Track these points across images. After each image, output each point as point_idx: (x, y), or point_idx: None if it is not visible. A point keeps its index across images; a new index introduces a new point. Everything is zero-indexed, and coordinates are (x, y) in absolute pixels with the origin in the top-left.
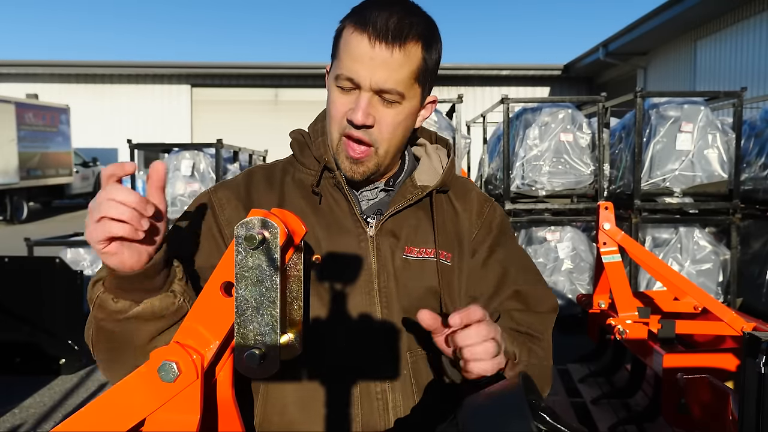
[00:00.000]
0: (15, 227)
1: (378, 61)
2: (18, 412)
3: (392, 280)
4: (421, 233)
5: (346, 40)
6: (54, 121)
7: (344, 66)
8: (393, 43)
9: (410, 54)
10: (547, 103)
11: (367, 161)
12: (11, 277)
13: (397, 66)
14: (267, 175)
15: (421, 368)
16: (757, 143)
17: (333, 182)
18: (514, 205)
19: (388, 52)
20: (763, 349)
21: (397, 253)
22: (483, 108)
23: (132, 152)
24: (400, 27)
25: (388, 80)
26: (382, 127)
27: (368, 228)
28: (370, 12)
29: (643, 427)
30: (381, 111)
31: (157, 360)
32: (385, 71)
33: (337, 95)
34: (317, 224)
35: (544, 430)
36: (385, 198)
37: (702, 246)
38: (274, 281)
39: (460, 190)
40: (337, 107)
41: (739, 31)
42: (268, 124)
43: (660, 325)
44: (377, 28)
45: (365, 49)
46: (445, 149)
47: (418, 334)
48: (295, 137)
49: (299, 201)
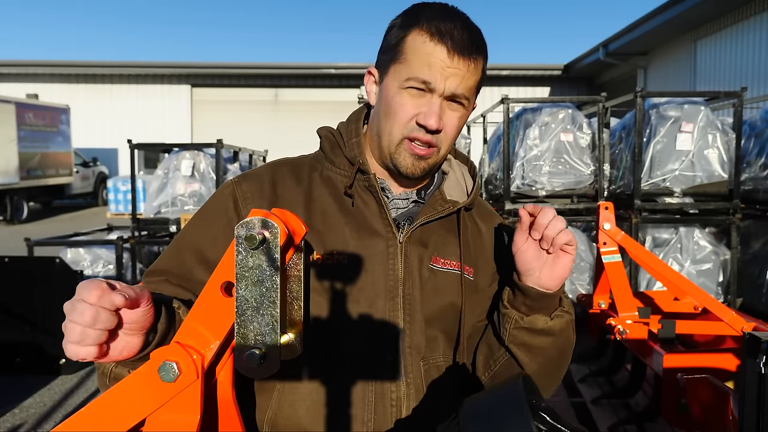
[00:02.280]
0: (15, 227)
1: (454, 71)
2: (18, 412)
3: (417, 288)
4: (448, 246)
5: (418, 47)
6: (54, 121)
7: (418, 70)
8: (470, 56)
9: (479, 66)
10: (547, 103)
11: (429, 158)
12: (11, 277)
13: (469, 76)
14: (294, 170)
15: (433, 376)
16: (757, 143)
17: (365, 185)
18: (514, 205)
19: (466, 64)
20: (764, 349)
21: (424, 261)
22: (483, 108)
23: (132, 152)
24: (474, 41)
25: (459, 86)
26: (447, 130)
27: (398, 234)
28: (438, 21)
29: (643, 427)
30: (447, 115)
31: (157, 360)
32: (458, 80)
33: (406, 98)
34: (346, 224)
35: (544, 430)
36: (414, 208)
37: (702, 246)
38: (274, 281)
39: (483, 211)
40: (406, 109)
41: (739, 31)
42: (268, 124)
43: (660, 325)
44: (455, 39)
45: (443, 58)
46: (466, 165)
47: (431, 342)
48: (326, 135)
49: (327, 199)
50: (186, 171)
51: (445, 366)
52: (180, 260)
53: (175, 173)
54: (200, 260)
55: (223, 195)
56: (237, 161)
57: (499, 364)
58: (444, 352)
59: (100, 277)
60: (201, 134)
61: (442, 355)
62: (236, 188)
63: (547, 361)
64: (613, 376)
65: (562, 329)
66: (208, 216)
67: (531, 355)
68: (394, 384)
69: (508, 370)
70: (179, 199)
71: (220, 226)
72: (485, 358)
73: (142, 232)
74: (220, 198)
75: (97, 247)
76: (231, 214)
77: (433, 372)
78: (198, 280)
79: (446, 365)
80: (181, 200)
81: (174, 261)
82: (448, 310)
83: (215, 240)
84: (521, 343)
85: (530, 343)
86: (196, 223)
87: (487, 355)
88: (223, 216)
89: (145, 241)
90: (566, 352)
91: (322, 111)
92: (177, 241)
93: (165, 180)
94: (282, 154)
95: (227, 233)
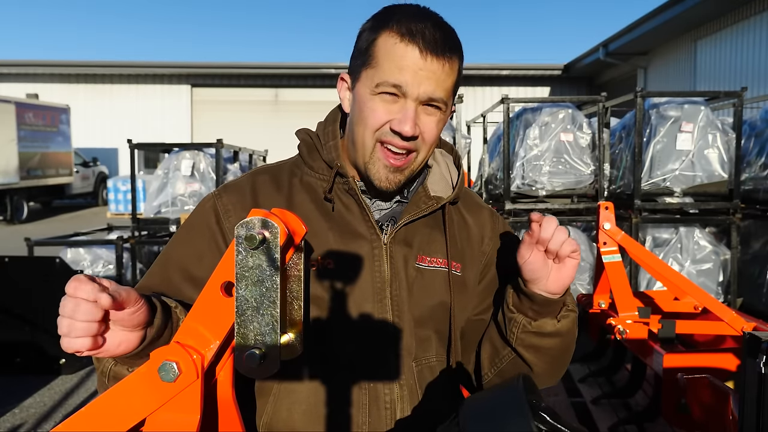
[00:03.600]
0: (15, 227)
1: (428, 73)
2: (18, 412)
3: (404, 288)
4: (434, 243)
5: (389, 50)
6: (54, 121)
7: (389, 74)
8: (443, 56)
9: (454, 67)
10: (548, 103)
11: (406, 170)
12: (11, 277)
13: (445, 77)
14: (273, 178)
15: (426, 376)
16: (757, 143)
17: (345, 188)
18: (514, 205)
19: (440, 64)
20: (764, 348)
21: (410, 261)
22: (483, 108)
23: (132, 152)
24: (447, 40)
25: (435, 90)
26: (425, 136)
27: (383, 235)
28: (408, 22)
29: (643, 427)
30: (423, 120)
31: (157, 360)
32: (433, 82)
33: (377, 103)
34: (329, 229)
35: (544, 429)
36: (397, 208)
37: (702, 246)
38: (274, 281)
39: (470, 203)
40: (378, 115)
41: (739, 31)
42: (268, 124)
43: (660, 324)
44: (427, 40)
45: (415, 60)
46: (451, 155)
47: (423, 343)
48: (303, 138)
49: (308, 205)
50: (186, 171)
51: (439, 366)
52: (165, 277)
53: (175, 173)
54: (186, 278)
55: (205, 209)
56: (237, 161)
57: (506, 362)
58: (437, 351)
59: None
60: (201, 134)
61: (435, 355)
62: (217, 201)
63: (554, 359)
64: (613, 376)
65: (569, 329)
66: (191, 232)
67: (539, 355)
68: (387, 386)
69: (515, 367)
70: (179, 198)
71: (204, 243)
72: (490, 356)
73: (142, 231)
74: (201, 213)
75: (97, 247)
76: (214, 228)
77: (426, 372)
78: (186, 296)
79: (439, 365)
80: (181, 200)
81: (160, 279)
82: (437, 309)
83: (201, 257)
84: (530, 345)
85: (539, 344)
86: (180, 239)
87: (492, 354)
88: (206, 231)
89: (145, 241)
90: (571, 346)
91: (322, 111)
92: (162, 257)
93: (165, 180)
94: (282, 154)
95: (212, 249)
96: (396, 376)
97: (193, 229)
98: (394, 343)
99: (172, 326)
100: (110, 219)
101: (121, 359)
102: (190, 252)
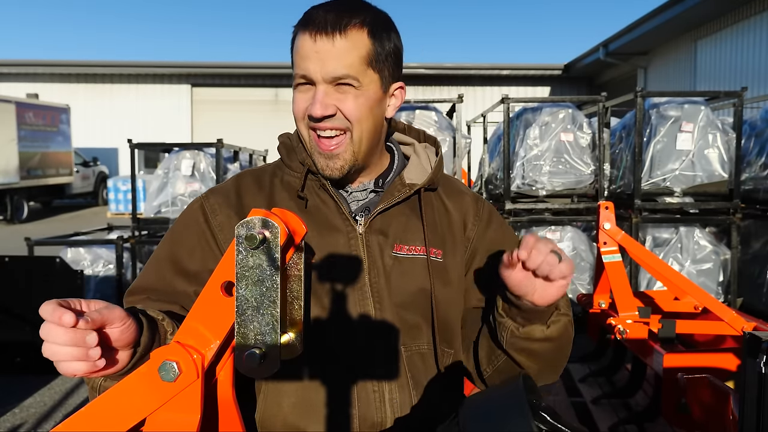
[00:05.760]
0: (15, 227)
1: (323, 53)
2: (18, 411)
3: (382, 276)
4: (411, 231)
5: (295, 45)
6: (54, 120)
7: (297, 66)
8: (332, 31)
9: (355, 40)
10: (548, 103)
11: (342, 153)
12: (11, 277)
13: (344, 52)
14: (256, 179)
15: (416, 363)
16: (757, 143)
17: (318, 184)
18: (514, 205)
19: (330, 41)
20: (764, 348)
21: (386, 250)
22: (483, 108)
23: (132, 152)
24: (339, 17)
25: (337, 68)
26: (346, 111)
27: (357, 226)
28: (311, 12)
29: (643, 427)
30: (338, 98)
31: (157, 359)
32: (332, 60)
33: (297, 95)
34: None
35: (544, 429)
36: (374, 198)
37: (702, 246)
38: (274, 281)
39: (451, 189)
40: (297, 106)
41: (739, 31)
42: (268, 124)
43: (660, 324)
44: (317, 23)
45: (309, 45)
46: (434, 147)
47: (411, 330)
48: (283, 141)
49: (288, 203)
50: (186, 171)
51: (430, 353)
52: (158, 275)
53: (175, 173)
54: (178, 271)
55: (193, 209)
56: (237, 161)
57: (501, 361)
58: (428, 339)
59: (100, 276)
60: (201, 134)
61: (426, 343)
62: (204, 202)
63: (547, 361)
64: (613, 376)
65: (561, 334)
66: (181, 230)
67: (532, 358)
68: (373, 372)
69: (510, 366)
70: (179, 198)
71: (194, 238)
72: (487, 354)
73: (142, 231)
74: (190, 213)
75: (98, 246)
76: (203, 226)
77: (417, 359)
78: (180, 291)
79: (431, 352)
80: (181, 200)
81: (152, 277)
82: (419, 295)
83: (192, 251)
84: (521, 349)
85: (529, 348)
86: (170, 237)
87: (489, 352)
88: (195, 228)
89: (146, 240)
90: (566, 348)
91: None
92: (153, 258)
93: (165, 180)
94: None
95: (202, 244)
96: (382, 362)
97: (183, 227)
98: (376, 330)
99: (159, 340)
100: (110, 219)
101: (112, 376)
102: (180, 247)
